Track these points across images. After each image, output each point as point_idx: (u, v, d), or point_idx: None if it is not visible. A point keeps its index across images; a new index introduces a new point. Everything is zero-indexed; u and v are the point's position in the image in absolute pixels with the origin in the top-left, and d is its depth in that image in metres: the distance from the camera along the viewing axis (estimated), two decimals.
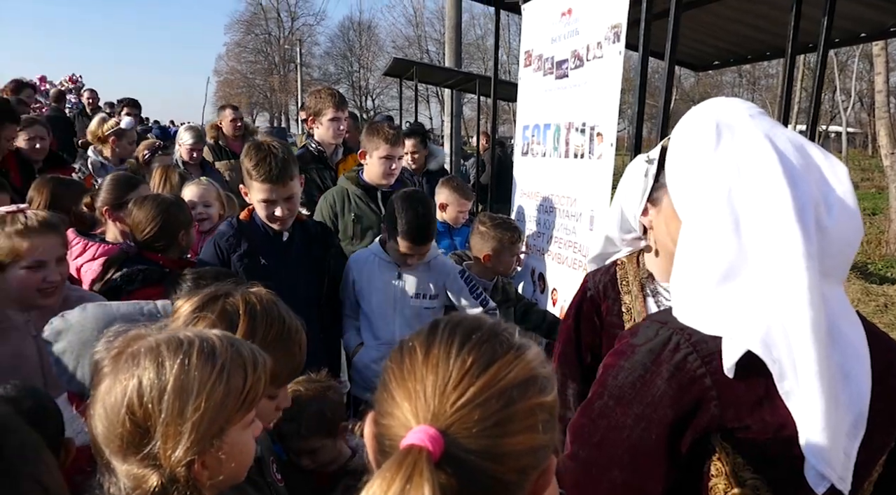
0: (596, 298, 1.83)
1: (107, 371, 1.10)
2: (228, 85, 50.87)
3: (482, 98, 9.44)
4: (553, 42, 3.83)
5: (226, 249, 2.71)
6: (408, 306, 2.97)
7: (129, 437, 1.06)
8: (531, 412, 0.80)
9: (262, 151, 2.65)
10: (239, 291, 1.48)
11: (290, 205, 2.71)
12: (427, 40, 43.12)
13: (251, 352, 1.17)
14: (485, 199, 6.47)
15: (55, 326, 1.65)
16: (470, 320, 0.88)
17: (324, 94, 4.15)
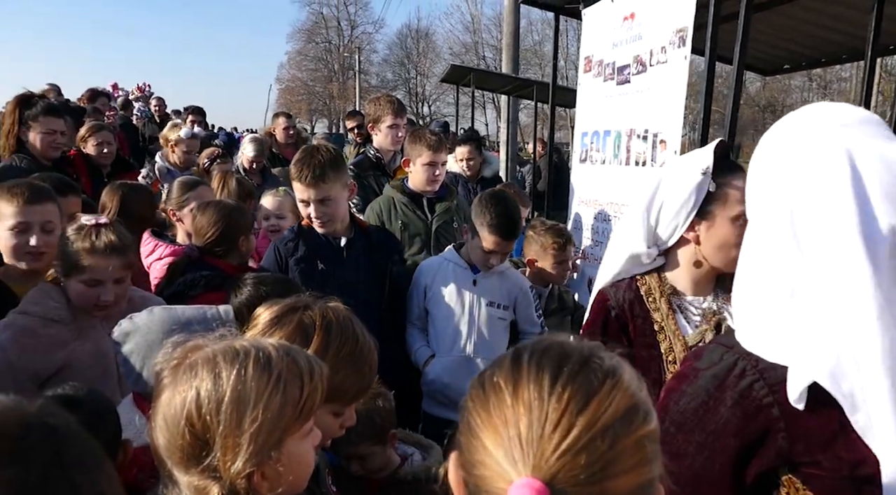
0: (622, 316, 1.74)
1: (166, 382, 1.11)
2: (289, 92, 52.20)
3: (539, 104, 9.36)
4: (614, 47, 3.75)
5: (284, 254, 2.74)
6: (482, 314, 2.94)
7: (189, 449, 1.06)
8: (639, 445, 0.73)
9: (305, 152, 2.70)
10: (317, 305, 1.49)
11: (325, 208, 2.71)
12: (484, 47, 43.18)
13: (307, 361, 1.16)
14: (541, 207, 6.40)
15: (123, 328, 1.70)
16: (555, 347, 0.80)
17: (383, 101, 4.19)
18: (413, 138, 3.56)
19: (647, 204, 1.70)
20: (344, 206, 2.80)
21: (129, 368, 1.68)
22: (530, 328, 3.06)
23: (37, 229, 2.32)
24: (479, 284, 2.95)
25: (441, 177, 3.54)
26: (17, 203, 2.30)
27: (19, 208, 2.29)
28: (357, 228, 2.87)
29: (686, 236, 1.68)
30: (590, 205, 4.06)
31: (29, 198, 2.32)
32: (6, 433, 0.64)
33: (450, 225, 3.51)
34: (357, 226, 2.89)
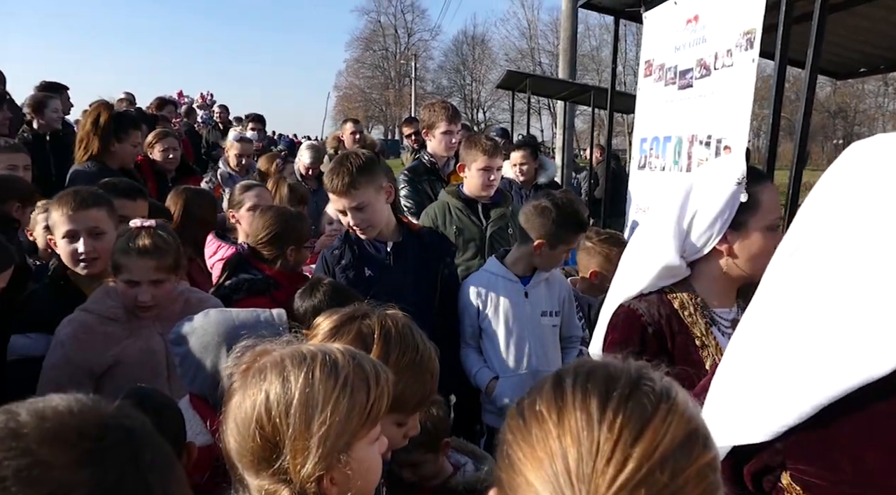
0: (661, 333, 1.64)
1: (236, 386, 1.13)
2: (347, 99, 53.20)
3: (596, 110, 9.21)
4: (677, 50, 3.64)
5: (331, 262, 2.73)
6: (538, 327, 2.86)
7: (259, 452, 1.07)
8: (701, 476, 0.65)
9: (336, 162, 2.69)
10: (376, 313, 1.48)
11: (363, 215, 2.67)
12: (540, 52, 42.95)
13: (373, 367, 1.16)
14: (597, 214, 6.28)
15: (182, 329, 1.74)
16: (600, 369, 0.73)
17: (437, 107, 4.19)
18: (469, 143, 3.54)
19: (677, 214, 1.63)
20: (381, 210, 2.75)
21: (185, 368, 1.71)
22: (574, 332, 2.99)
23: (84, 235, 2.37)
24: (530, 296, 2.88)
25: (496, 182, 3.50)
26: (65, 211, 2.37)
27: (67, 216, 2.36)
28: (407, 231, 2.85)
29: (718, 247, 1.61)
30: (648, 214, 3.95)
31: (74, 205, 2.37)
32: (85, 433, 0.65)
33: (504, 231, 3.47)
34: (407, 229, 2.86)
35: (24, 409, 0.66)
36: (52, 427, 0.64)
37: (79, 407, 0.68)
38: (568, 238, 2.78)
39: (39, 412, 0.66)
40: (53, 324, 2.17)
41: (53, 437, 0.63)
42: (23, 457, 0.61)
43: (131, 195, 2.88)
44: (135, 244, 2.13)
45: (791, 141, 2.85)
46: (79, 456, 0.63)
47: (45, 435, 0.63)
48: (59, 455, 0.62)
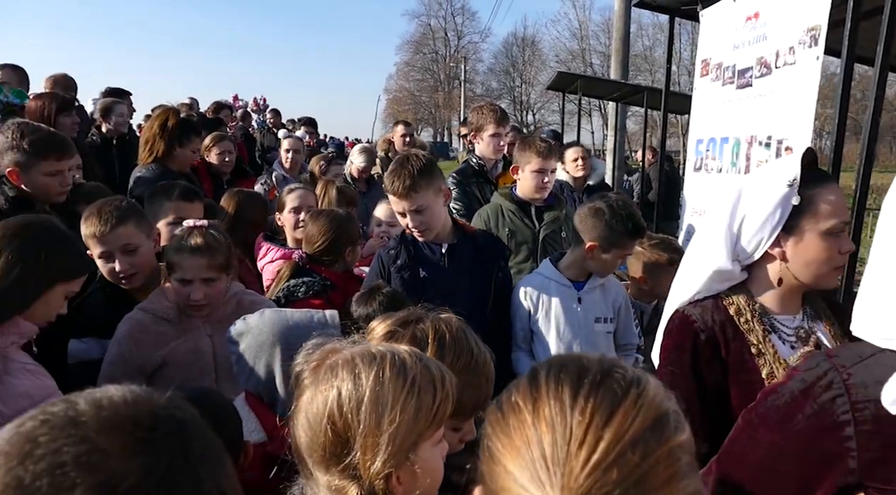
0: (714, 340, 1.58)
1: (307, 382, 1.15)
2: (397, 102, 53.71)
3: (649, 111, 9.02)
4: (735, 49, 3.53)
5: (386, 262, 2.76)
6: (592, 333, 2.81)
7: (330, 447, 1.09)
8: (672, 456, 0.68)
9: (396, 164, 2.70)
10: (430, 318, 1.49)
11: (422, 217, 2.69)
12: (591, 53, 42.41)
13: (438, 370, 1.17)
14: (650, 217, 6.14)
15: (238, 328, 1.78)
16: (573, 360, 0.76)
17: (486, 110, 4.18)
18: (523, 145, 3.51)
19: (728, 217, 1.57)
20: (440, 213, 2.76)
21: (241, 367, 1.75)
22: (630, 339, 2.93)
23: (118, 254, 2.38)
24: (584, 301, 2.84)
25: (550, 185, 3.47)
26: (94, 232, 2.38)
27: (96, 239, 2.38)
28: (461, 233, 2.85)
29: (771, 252, 1.54)
30: (704, 216, 3.84)
31: (101, 227, 2.38)
32: (138, 423, 0.67)
33: (557, 234, 3.43)
34: (462, 231, 2.86)
35: (82, 399, 0.68)
36: (108, 416, 0.66)
37: (133, 398, 0.70)
38: (622, 242, 2.71)
39: (97, 401, 0.68)
40: (105, 328, 2.23)
41: (110, 426, 0.65)
42: (81, 444, 0.63)
43: (189, 197, 2.97)
44: (187, 243, 2.18)
45: (856, 141, 2.72)
46: (132, 445, 0.64)
47: (101, 424, 0.65)
48: (115, 442, 0.64)
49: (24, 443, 0.63)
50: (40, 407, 0.67)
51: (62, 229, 1.91)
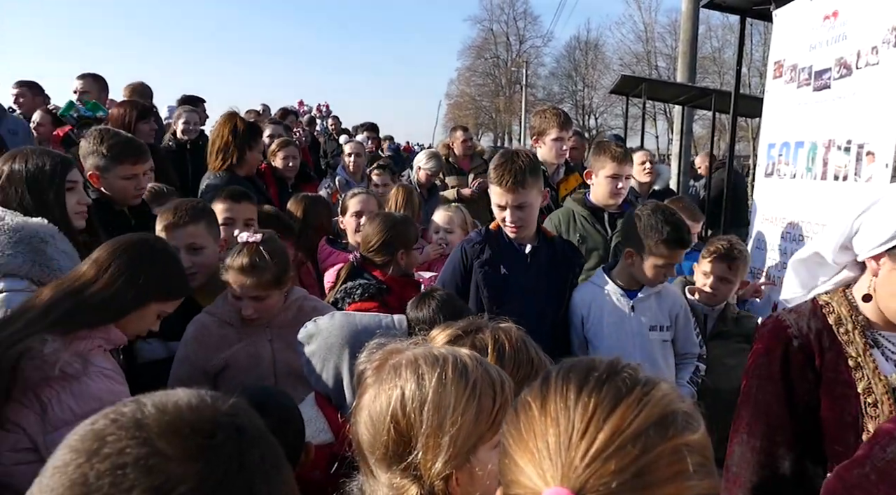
0: (807, 347, 1.51)
1: (370, 381, 1.18)
2: (457, 107, 53.90)
3: (717, 114, 8.73)
4: (812, 49, 3.37)
5: (470, 255, 2.77)
6: (647, 341, 2.77)
7: (393, 446, 1.11)
8: (677, 454, 0.68)
9: (505, 157, 2.71)
10: (489, 328, 1.48)
11: (521, 213, 2.69)
12: (656, 56, 41.40)
13: (498, 374, 1.18)
14: (717, 224, 5.94)
15: (308, 330, 1.82)
16: (584, 362, 0.79)
17: (549, 113, 4.14)
18: (598, 150, 3.48)
19: (863, 205, 1.47)
20: (536, 213, 2.80)
21: (311, 368, 1.79)
22: (690, 348, 2.86)
23: (183, 252, 2.48)
24: (637, 309, 2.79)
25: (624, 191, 3.41)
26: (166, 227, 2.52)
27: (167, 232, 2.51)
28: (542, 237, 2.86)
29: (868, 261, 1.44)
30: (776, 223, 3.68)
31: (171, 223, 2.52)
32: (198, 429, 0.68)
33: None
34: (543, 235, 2.88)
35: (150, 401, 0.71)
36: (170, 420, 0.68)
37: (197, 403, 0.71)
38: (657, 250, 2.64)
39: (162, 405, 0.70)
40: (168, 330, 2.28)
41: (170, 430, 0.67)
42: (143, 447, 0.65)
43: (235, 198, 3.06)
44: (234, 262, 2.23)
45: None
46: (190, 451, 0.66)
47: (163, 428, 0.67)
48: (174, 447, 0.65)
49: (94, 441, 0.66)
50: (115, 406, 0.70)
51: (171, 252, 2.02)
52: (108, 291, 1.79)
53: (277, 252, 2.28)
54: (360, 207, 3.62)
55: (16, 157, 2.24)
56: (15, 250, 2.06)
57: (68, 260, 2.17)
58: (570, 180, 4.32)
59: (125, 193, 2.92)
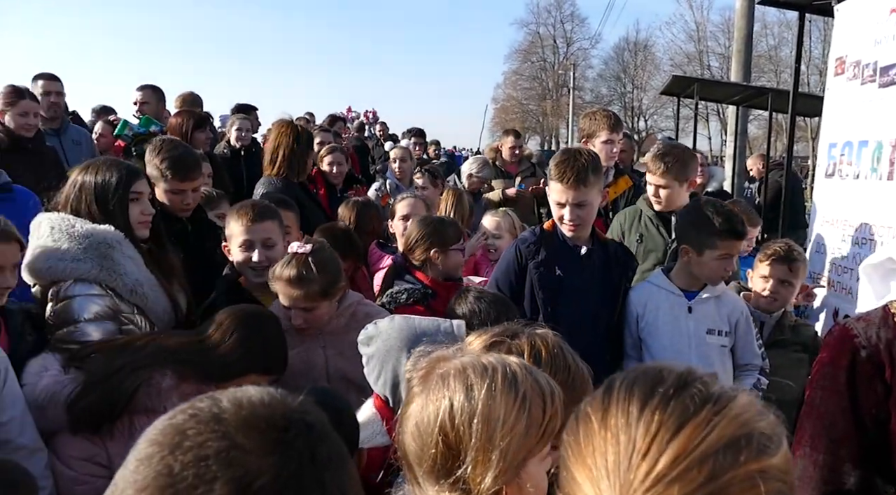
0: (876, 357, 1.44)
1: (417, 390, 1.15)
2: (504, 111, 53.77)
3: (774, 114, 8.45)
4: (877, 44, 3.23)
5: (525, 255, 2.75)
6: (703, 344, 2.71)
7: (441, 459, 1.08)
8: (750, 481, 0.62)
9: (567, 155, 2.68)
10: (525, 333, 1.47)
11: (580, 212, 2.66)
12: (709, 55, 40.40)
13: (548, 384, 1.15)
14: (772, 227, 5.75)
15: (368, 332, 1.84)
16: (651, 372, 0.73)
17: (598, 115, 4.09)
18: (689, 158, 3.47)
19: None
20: (595, 213, 2.77)
21: (370, 369, 1.81)
22: (751, 359, 2.77)
23: (259, 246, 2.58)
24: (694, 311, 2.73)
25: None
26: (243, 222, 2.59)
27: (244, 227, 2.58)
28: (596, 239, 2.84)
29: None
30: (836, 226, 3.54)
31: (252, 217, 2.59)
32: (273, 424, 0.71)
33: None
34: (597, 237, 2.86)
35: (225, 397, 0.74)
36: (246, 415, 0.71)
37: (269, 399, 0.74)
38: (711, 242, 2.59)
39: (238, 400, 0.73)
40: None
41: (247, 425, 0.69)
42: (223, 440, 0.67)
43: (276, 205, 3.08)
44: (282, 273, 2.26)
45: None
46: (267, 444, 0.68)
47: (240, 422, 0.70)
48: (252, 441, 0.68)
49: (175, 435, 0.69)
50: (189, 402, 0.74)
51: (280, 332, 2.15)
52: (228, 357, 1.97)
53: (326, 263, 2.30)
54: (407, 211, 3.65)
55: (88, 168, 2.36)
56: (85, 256, 2.16)
57: (134, 265, 2.27)
58: (619, 183, 4.25)
59: (173, 206, 3.01)
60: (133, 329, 2.23)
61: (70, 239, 2.17)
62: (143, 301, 2.27)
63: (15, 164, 3.63)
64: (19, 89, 4.28)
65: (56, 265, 2.14)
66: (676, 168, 3.16)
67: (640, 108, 46.62)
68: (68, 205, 2.30)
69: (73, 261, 2.15)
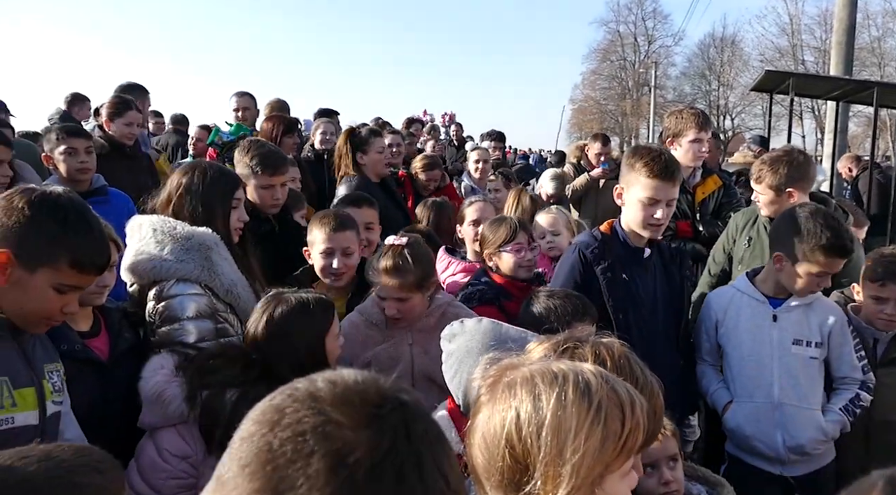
0: None
1: (484, 399, 1.11)
2: (582, 112, 52.84)
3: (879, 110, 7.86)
4: None
5: (590, 259, 2.67)
6: (788, 355, 2.56)
7: (509, 473, 1.04)
8: None
9: (651, 150, 2.63)
10: (589, 342, 1.40)
11: (668, 211, 2.58)
12: (803, 49, 38.19)
13: (628, 393, 1.07)
14: (881, 231, 5.33)
15: (453, 329, 1.84)
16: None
17: (686, 113, 3.94)
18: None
19: None
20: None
21: (448, 366, 1.81)
22: (849, 372, 2.58)
23: (339, 254, 2.70)
24: (780, 319, 2.59)
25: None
26: (325, 231, 2.71)
27: (326, 235, 2.70)
28: (650, 240, 2.78)
29: None
30: None
31: (334, 226, 2.71)
32: (366, 399, 0.72)
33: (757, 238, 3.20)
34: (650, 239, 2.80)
35: (320, 378, 0.76)
36: (340, 392, 0.73)
37: (363, 378, 0.76)
38: (813, 257, 2.42)
39: (332, 379, 0.75)
40: None
41: (342, 401, 0.72)
42: (319, 416, 0.70)
43: (357, 203, 3.26)
44: (380, 263, 2.34)
45: None
46: (361, 418, 0.70)
47: (335, 398, 0.72)
48: (346, 416, 0.70)
49: (274, 413, 0.71)
50: (289, 384, 0.76)
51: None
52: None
53: (421, 256, 2.38)
54: (477, 215, 3.61)
55: (196, 170, 2.47)
56: (187, 257, 2.27)
57: (228, 266, 2.38)
58: (707, 183, 4.08)
59: (263, 202, 3.13)
60: (227, 327, 2.33)
61: (173, 240, 2.27)
62: (237, 301, 2.36)
63: (113, 169, 3.88)
64: (127, 100, 4.58)
65: (160, 265, 2.25)
66: (795, 173, 3.03)
67: (725, 106, 44.69)
68: (169, 207, 2.40)
69: (176, 261, 2.25)
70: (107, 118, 4.46)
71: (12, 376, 1.66)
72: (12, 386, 1.65)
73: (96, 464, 1.21)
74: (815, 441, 2.52)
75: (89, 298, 2.12)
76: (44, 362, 1.80)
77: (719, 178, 4.15)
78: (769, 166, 3.09)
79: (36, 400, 1.71)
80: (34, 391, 1.71)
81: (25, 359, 1.73)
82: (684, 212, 3.90)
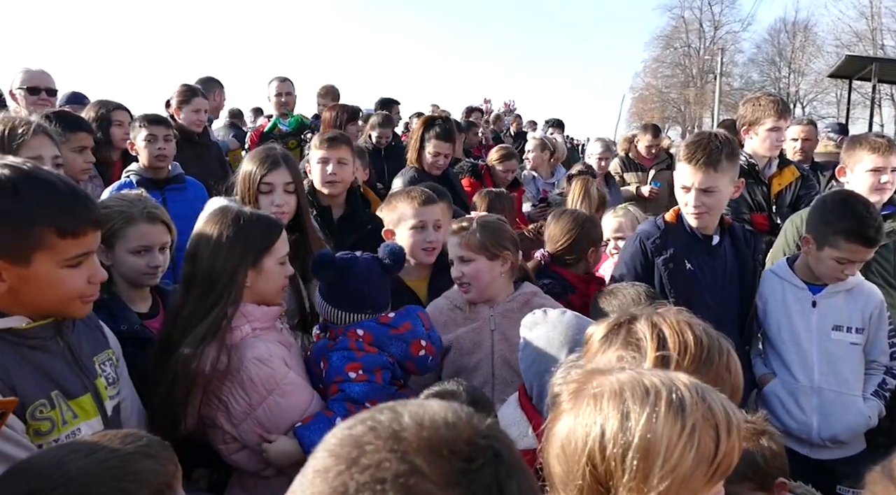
0: None
1: (566, 407, 1.04)
2: (642, 100, 51.54)
3: None
4: None
5: (651, 250, 2.60)
6: (828, 340, 2.54)
7: (588, 491, 0.98)
8: None
9: (700, 135, 2.57)
10: (644, 314, 1.33)
11: (707, 198, 2.49)
12: (883, 33, 36.06)
13: (724, 411, 0.97)
14: None
15: (535, 317, 1.80)
16: None
17: (763, 100, 3.75)
18: (852, 143, 3.18)
19: None
20: (725, 202, 2.62)
21: (525, 354, 1.77)
22: (878, 356, 2.59)
23: (430, 228, 2.66)
24: (819, 305, 2.56)
25: (891, 186, 3.03)
26: (415, 205, 2.66)
27: (415, 209, 2.65)
28: (723, 226, 2.70)
29: None
30: None
31: (423, 200, 2.68)
32: (456, 450, 0.65)
33: (889, 250, 2.98)
34: (723, 224, 2.71)
35: (406, 412, 0.69)
36: (427, 436, 0.66)
37: (454, 419, 0.69)
38: (835, 242, 2.41)
39: (419, 418, 0.68)
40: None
41: (428, 448, 0.65)
42: (402, 463, 0.63)
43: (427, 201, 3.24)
44: (453, 225, 2.41)
45: None
46: (449, 474, 0.63)
47: (422, 444, 0.65)
48: (433, 469, 0.63)
49: (353, 448, 0.66)
50: (371, 411, 0.70)
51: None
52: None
53: (491, 227, 2.37)
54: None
55: (246, 158, 2.65)
56: None
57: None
58: (784, 174, 3.87)
59: (321, 177, 3.14)
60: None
61: None
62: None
63: (184, 157, 3.97)
64: (193, 88, 4.68)
65: None
66: None
67: (796, 94, 42.73)
68: (235, 191, 2.57)
69: None
70: (175, 107, 4.58)
71: (65, 387, 1.54)
72: (67, 398, 1.54)
73: (146, 449, 1.20)
74: (854, 427, 2.52)
75: (142, 279, 2.17)
76: (93, 354, 1.69)
77: (798, 169, 3.94)
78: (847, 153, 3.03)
79: (95, 407, 1.61)
80: (90, 397, 1.60)
81: (74, 360, 1.60)
82: (760, 205, 3.71)
